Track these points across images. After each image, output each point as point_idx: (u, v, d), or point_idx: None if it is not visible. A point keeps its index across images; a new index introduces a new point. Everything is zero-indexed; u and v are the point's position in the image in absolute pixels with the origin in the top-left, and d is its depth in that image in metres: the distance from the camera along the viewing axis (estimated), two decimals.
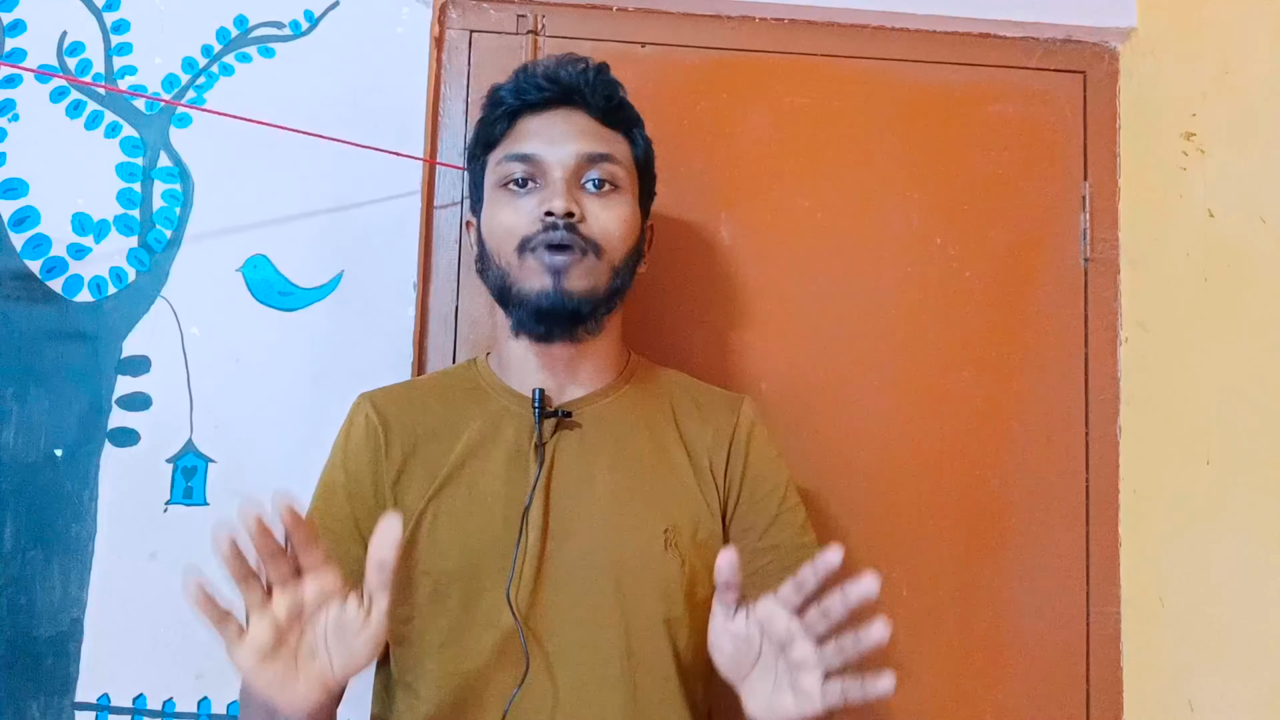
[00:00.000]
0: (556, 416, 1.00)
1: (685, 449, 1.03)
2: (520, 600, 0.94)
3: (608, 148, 1.01)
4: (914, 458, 1.36)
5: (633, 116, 1.06)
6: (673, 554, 0.97)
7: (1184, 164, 1.38)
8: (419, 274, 1.31)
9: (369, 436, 1.01)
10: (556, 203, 0.96)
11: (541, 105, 1.02)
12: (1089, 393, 1.39)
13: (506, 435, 1.01)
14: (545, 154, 0.99)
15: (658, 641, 0.96)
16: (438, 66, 1.36)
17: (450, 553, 0.96)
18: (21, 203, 1.27)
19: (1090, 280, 1.41)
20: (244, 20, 1.32)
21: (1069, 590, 1.36)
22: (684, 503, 1.00)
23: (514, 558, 0.94)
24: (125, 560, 1.24)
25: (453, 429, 1.02)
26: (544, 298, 0.96)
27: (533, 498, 0.97)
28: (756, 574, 1.02)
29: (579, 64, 1.02)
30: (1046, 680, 1.34)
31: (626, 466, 1.00)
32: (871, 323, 1.37)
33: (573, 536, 0.97)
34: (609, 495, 0.99)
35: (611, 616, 0.95)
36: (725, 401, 1.09)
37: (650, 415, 1.05)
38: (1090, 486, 1.38)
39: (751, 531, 1.03)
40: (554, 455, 1.00)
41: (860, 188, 1.39)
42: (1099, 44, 1.43)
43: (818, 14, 1.39)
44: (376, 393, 1.07)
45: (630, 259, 1.02)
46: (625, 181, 1.02)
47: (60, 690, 1.22)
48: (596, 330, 1.01)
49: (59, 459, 1.24)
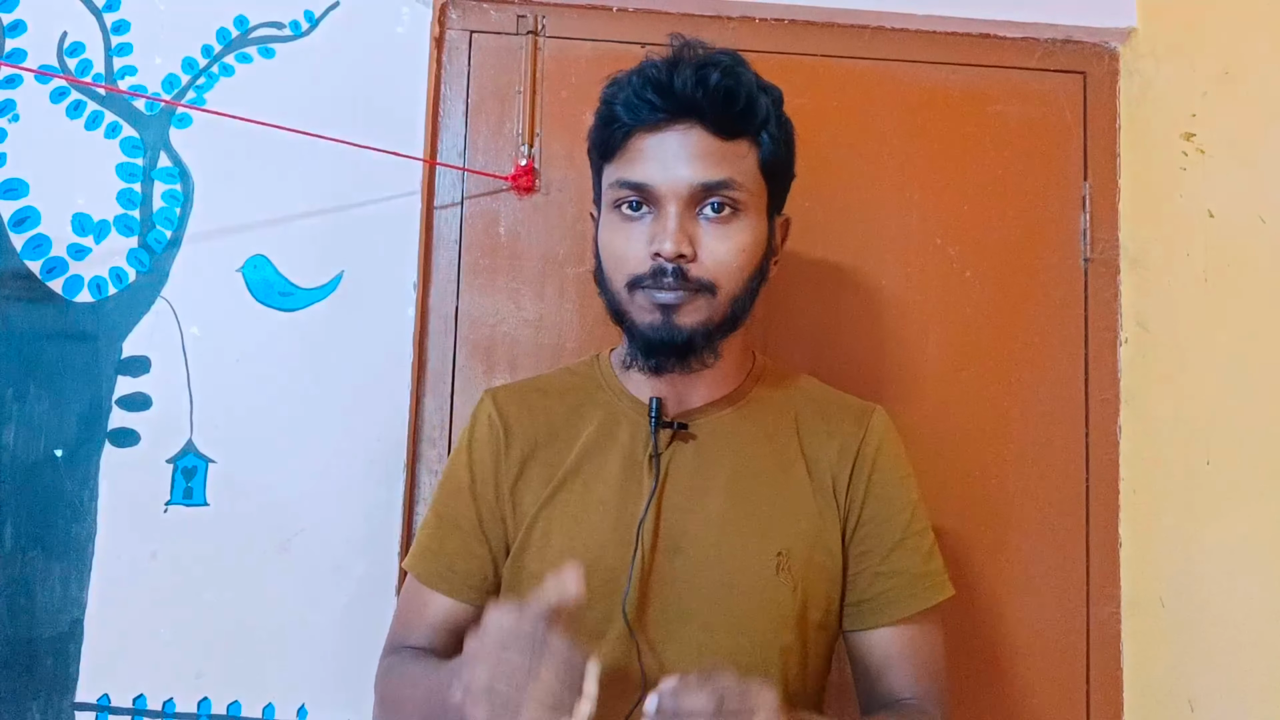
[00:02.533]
0: (672, 428, 0.97)
1: (806, 464, 0.99)
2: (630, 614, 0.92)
3: (727, 171, 0.92)
4: (914, 457, 1.35)
5: (763, 115, 0.94)
6: (785, 578, 0.94)
7: (1184, 164, 1.38)
8: (419, 274, 1.31)
9: (491, 436, 1.02)
10: (667, 245, 0.89)
11: (656, 124, 0.92)
12: (1089, 393, 1.39)
13: (622, 441, 0.99)
14: (658, 182, 0.91)
15: (766, 668, 0.92)
16: (438, 66, 1.36)
17: (559, 560, 0.92)
18: (21, 203, 1.28)
19: (1090, 280, 1.41)
20: (244, 21, 1.32)
21: (1069, 590, 1.36)
22: (800, 524, 0.96)
23: (630, 572, 0.92)
24: (125, 560, 1.24)
25: (571, 430, 1.01)
26: (654, 331, 0.92)
27: (647, 511, 0.94)
28: (876, 599, 0.98)
29: (696, 67, 0.91)
30: (1046, 680, 1.34)
31: (742, 483, 0.97)
32: (871, 323, 1.37)
33: (682, 554, 0.94)
34: (722, 513, 0.96)
35: (718, 639, 0.93)
36: (854, 412, 1.03)
37: (772, 427, 1.00)
38: (1090, 486, 1.38)
39: (872, 555, 0.98)
40: (668, 467, 0.97)
41: (860, 188, 1.39)
42: (1099, 44, 1.43)
43: (818, 14, 1.39)
44: (500, 390, 1.06)
45: (752, 282, 0.96)
46: (748, 201, 0.93)
47: (60, 690, 1.22)
48: (712, 358, 0.96)
49: (59, 459, 1.24)
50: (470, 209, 1.35)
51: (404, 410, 1.28)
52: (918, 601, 0.99)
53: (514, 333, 1.33)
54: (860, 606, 0.99)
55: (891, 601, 0.98)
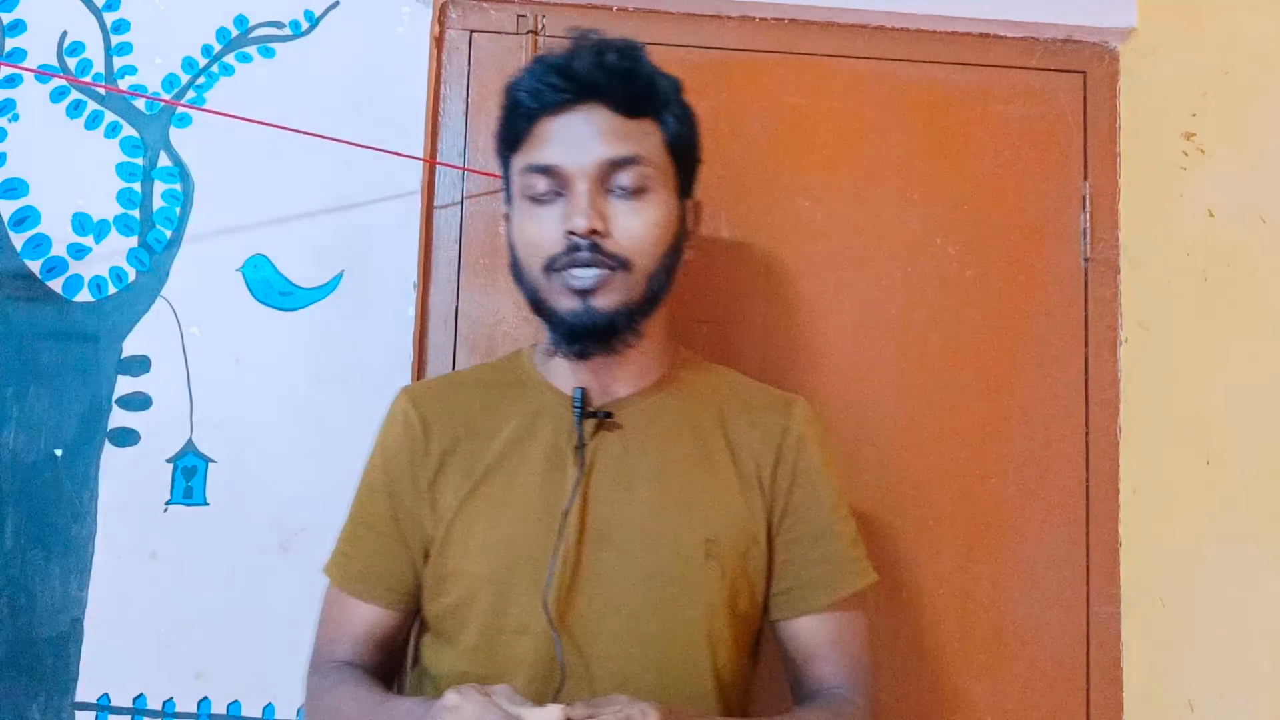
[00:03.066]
0: (597, 417, 0.97)
1: (731, 454, 0.99)
2: (554, 606, 0.91)
3: (634, 147, 0.93)
4: (914, 458, 1.36)
5: (663, 96, 0.97)
6: (714, 565, 0.94)
7: (1184, 164, 1.39)
8: (419, 274, 1.31)
9: (407, 434, 1.00)
10: (578, 220, 0.90)
11: (559, 106, 0.94)
12: (1089, 393, 1.39)
13: (545, 435, 0.98)
14: (566, 163, 0.93)
15: (697, 655, 0.93)
16: (438, 66, 1.36)
17: (483, 555, 0.94)
18: (21, 203, 1.28)
19: (1090, 280, 1.41)
20: (244, 20, 1.32)
21: (1069, 590, 1.36)
22: (727, 511, 0.97)
23: (551, 563, 0.92)
24: (125, 560, 1.24)
25: (492, 426, 0.99)
26: (574, 317, 0.93)
27: (572, 501, 0.94)
28: (805, 586, 0.99)
29: (595, 51, 0.94)
30: (1046, 680, 1.34)
31: (669, 472, 0.97)
32: (871, 323, 1.37)
33: (610, 543, 0.94)
34: (649, 502, 0.95)
35: (649, 628, 0.92)
36: (776, 403, 1.04)
37: (696, 417, 1.00)
38: (1090, 486, 1.38)
39: (801, 542, 0.99)
40: (594, 458, 0.96)
41: (860, 188, 1.39)
42: (1099, 44, 1.43)
43: (818, 14, 1.39)
44: (417, 387, 1.06)
45: (667, 259, 0.96)
46: (656, 177, 0.95)
47: (60, 690, 1.22)
48: (635, 339, 0.96)
49: (59, 459, 1.24)
50: (470, 209, 1.35)
51: None
52: (844, 586, 0.99)
53: (514, 333, 1.33)
54: (789, 594, 0.99)
55: (820, 587, 0.98)
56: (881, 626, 1.33)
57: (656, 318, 0.99)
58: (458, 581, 0.94)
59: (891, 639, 1.33)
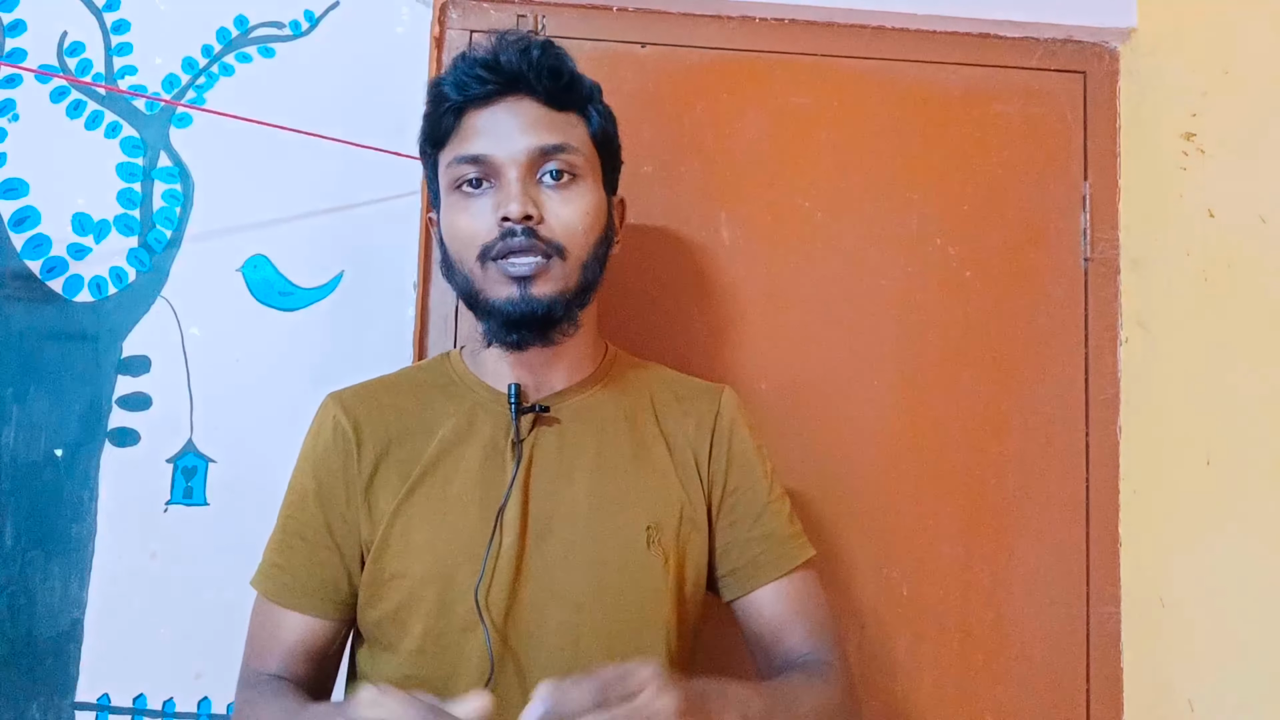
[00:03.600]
0: (534, 412, 0.97)
1: (666, 442, 1.01)
2: (497, 602, 0.91)
3: (561, 136, 0.94)
4: (914, 458, 1.36)
5: (586, 92, 0.99)
6: (656, 552, 0.95)
7: (1184, 164, 1.39)
8: (419, 274, 1.31)
9: (338, 440, 0.98)
10: (512, 206, 0.91)
11: (486, 98, 0.95)
12: (1089, 393, 1.39)
13: (482, 432, 0.98)
14: (495, 152, 0.93)
15: (643, 642, 0.93)
16: (438, 66, 1.36)
17: (423, 556, 0.93)
18: (21, 203, 1.28)
19: (1090, 280, 1.41)
20: (244, 20, 1.32)
21: (1069, 590, 1.36)
22: (666, 498, 0.98)
23: (484, 558, 0.91)
24: (125, 560, 1.24)
25: (426, 427, 0.99)
26: (512, 306, 0.92)
27: (509, 496, 0.94)
28: (749, 565, 1.00)
29: (519, 45, 0.95)
30: (1046, 680, 1.34)
31: (607, 463, 0.98)
32: (871, 323, 1.37)
33: (552, 536, 0.94)
34: (589, 493, 0.96)
35: (593, 617, 0.93)
36: (705, 392, 1.06)
37: (630, 409, 1.02)
38: (1090, 486, 1.38)
39: (741, 523, 1.01)
40: (532, 452, 0.97)
41: (860, 188, 1.39)
42: (1099, 44, 1.43)
43: (818, 14, 1.39)
44: (345, 392, 1.03)
45: (599, 248, 0.97)
46: (585, 167, 0.96)
47: (60, 690, 1.22)
48: (572, 330, 0.97)
49: (59, 459, 1.24)
50: None
51: None
52: (789, 559, 1.01)
53: None
54: (737, 573, 1.01)
55: (767, 563, 1.00)
56: (881, 626, 1.33)
57: (589, 311, 1.00)
58: (398, 585, 0.93)
59: (891, 639, 1.33)
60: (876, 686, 1.32)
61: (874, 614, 1.33)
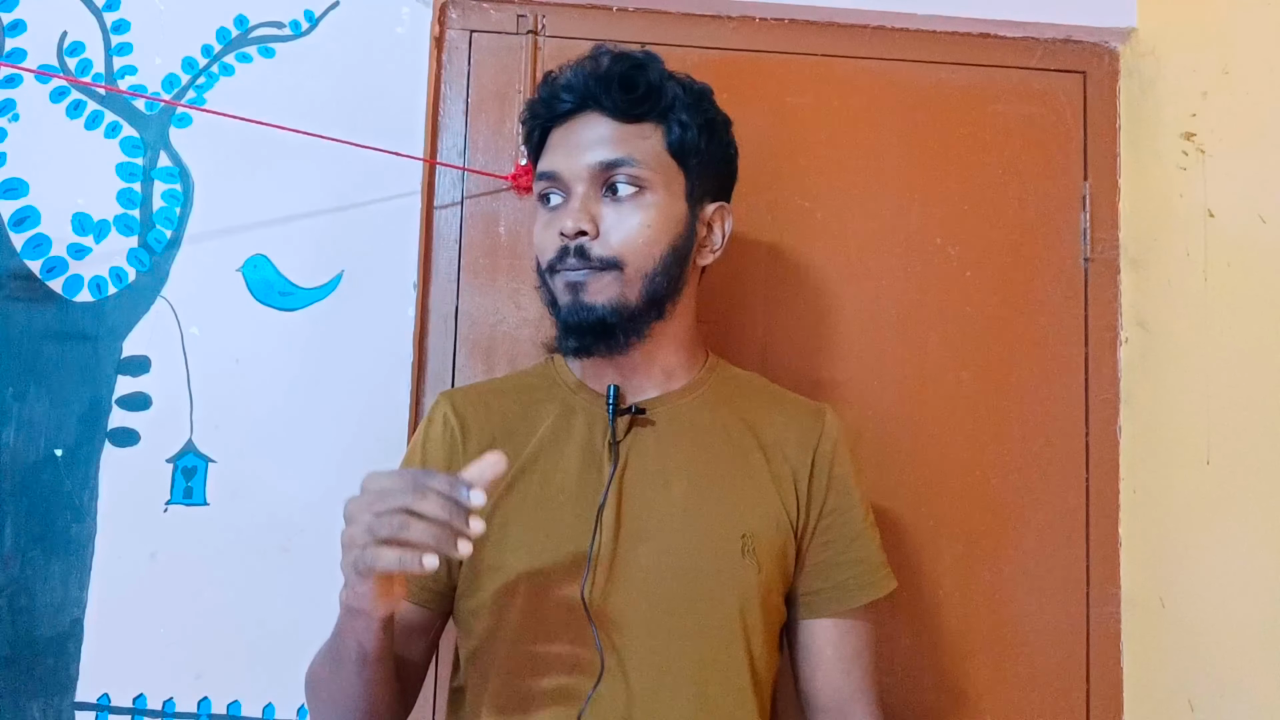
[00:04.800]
0: (631, 414, 0.99)
1: (764, 454, 1.01)
2: (592, 601, 0.93)
3: (625, 150, 0.97)
4: (914, 457, 1.36)
5: (666, 102, 0.99)
6: (750, 561, 0.96)
7: (1184, 164, 1.38)
8: (419, 274, 1.31)
9: (446, 436, 1.02)
10: (566, 223, 0.95)
11: (564, 115, 1.00)
12: (1089, 393, 1.39)
13: (580, 432, 1.00)
14: (563, 169, 0.98)
15: (732, 649, 0.95)
16: (438, 66, 1.36)
17: (519, 550, 0.95)
18: (21, 203, 1.28)
19: (1090, 280, 1.41)
20: (244, 20, 1.32)
21: (1069, 590, 1.36)
22: (761, 509, 0.99)
23: (589, 556, 0.93)
24: (125, 560, 1.24)
25: (529, 425, 1.01)
26: (568, 311, 0.97)
27: (607, 496, 0.95)
28: (838, 587, 1.02)
29: (598, 63, 0.99)
30: (1046, 680, 1.34)
31: (703, 468, 0.99)
32: (871, 322, 1.37)
33: (647, 538, 0.95)
34: (685, 497, 0.97)
35: (686, 622, 0.94)
36: (808, 410, 1.07)
37: (727, 417, 1.03)
38: (1090, 486, 1.38)
39: (835, 545, 1.02)
40: (628, 454, 0.98)
41: (860, 188, 1.39)
42: (1099, 44, 1.43)
43: (818, 14, 1.39)
44: (455, 392, 1.08)
45: (667, 260, 0.98)
46: (653, 179, 0.97)
47: (60, 690, 1.22)
48: (639, 341, 0.98)
49: (59, 459, 1.24)
50: (470, 209, 1.35)
51: (404, 410, 1.29)
52: (876, 589, 1.03)
53: (514, 333, 1.33)
54: (820, 594, 1.02)
55: (853, 589, 1.02)
56: (882, 627, 1.33)
57: (674, 321, 1.02)
58: (494, 576, 0.95)
59: (892, 639, 1.33)
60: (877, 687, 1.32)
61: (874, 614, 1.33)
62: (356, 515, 0.78)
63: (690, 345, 1.06)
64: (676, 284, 1.00)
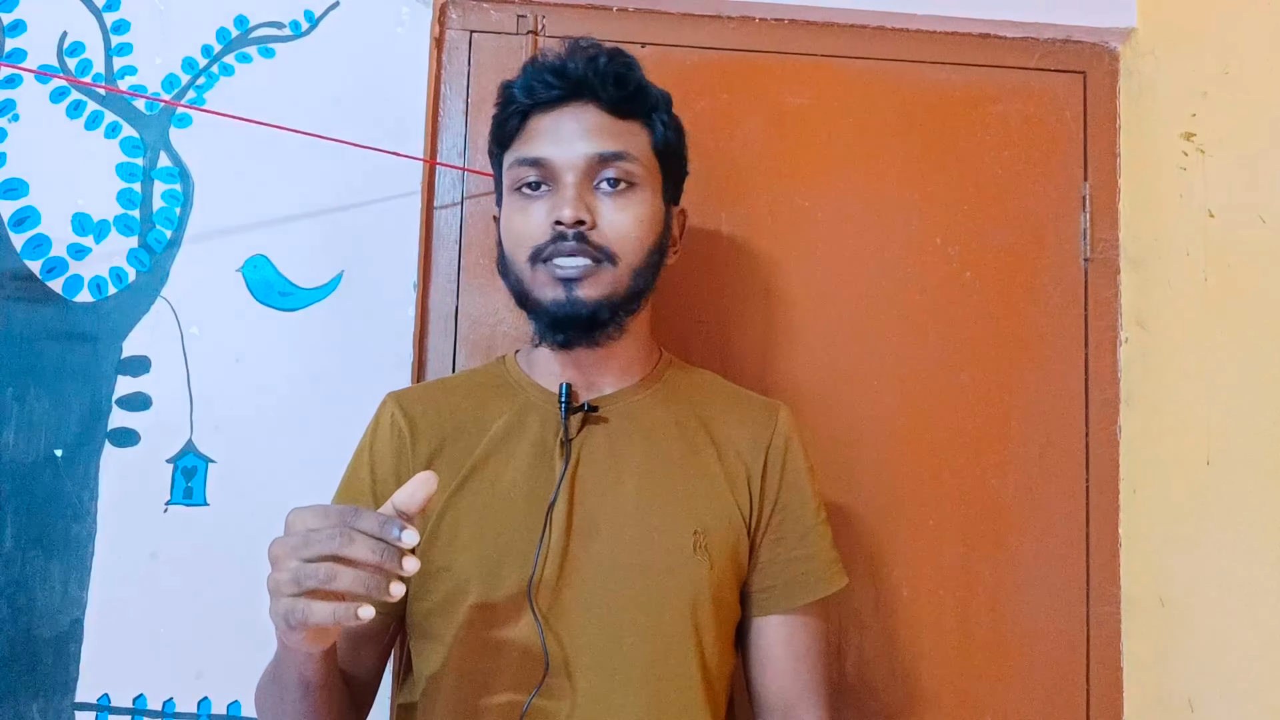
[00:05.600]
0: (583, 411, 0.99)
1: (717, 450, 1.01)
2: (541, 599, 0.92)
3: (621, 144, 0.96)
4: (914, 457, 1.36)
5: (651, 102, 1.01)
6: (702, 557, 0.95)
7: (1184, 164, 1.38)
8: (419, 274, 1.31)
9: (394, 436, 1.01)
10: (565, 211, 0.93)
11: (551, 103, 0.97)
12: (1089, 393, 1.39)
13: (532, 431, 0.99)
14: (555, 156, 0.95)
15: (683, 646, 0.94)
16: (438, 66, 1.36)
17: (469, 548, 0.94)
18: (21, 203, 1.28)
19: (1090, 280, 1.41)
20: (244, 20, 1.32)
21: (1069, 590, 1.36)
22: (714, 505, 0.99)
23: (536, 555, 0.93)
24: (125, 560, 1.24)
25: (479, 425, 1.01)
26: (558, 307, 0.95)
27: (558, 494, 0.95)
28: (790, 583, 1.01)
29: (588, 54, 0.98)
30: (1046, 680, 1.34)
31: (656, 465, 0.99)
32: (871, 322, 1.37)
33: (598, 535, 0.95)
34: (637, 494, 0.97)
35: (637, 619, 0.93)
36: (761, 407, 1.07)
37: (680, 415, 1.03)
38: (1090, 486, 1.38)
39: (786, 541, 1.02)
40: (580, 452, 0.98)
41: (860, 188, 1.39)
42: (1099, 44, 1.43)
43: (818, 14, 1.39)
44: (403, 392, 1.07)
45: (652, 257, 0.99)
46: (643, 176, 0.98)
47: (60, 690, 1.22)
48: (618, 334, 0.98)
49: (59, 459, 1.24)
50: (470, 209, 1.35)
51: None
52: (826, 585, 1.03)
53: (514, 333, 1.33)
54: (770, 590, 1.02)
55: (803, 585, 1.02)
56: (882, 627, 1.33)
57: (640, 317, 1.02)
58: (444, 577, 0.95)
59: (891, 639, 1.33)
60: (876, 686, 1.32)
61: (874, 614, 1.33)
62: (282, 560, 0.73)
63: (647, 342, 1.06)
64: (653, 281, 1.00)
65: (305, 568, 0.71)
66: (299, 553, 0.72)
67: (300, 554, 0.72)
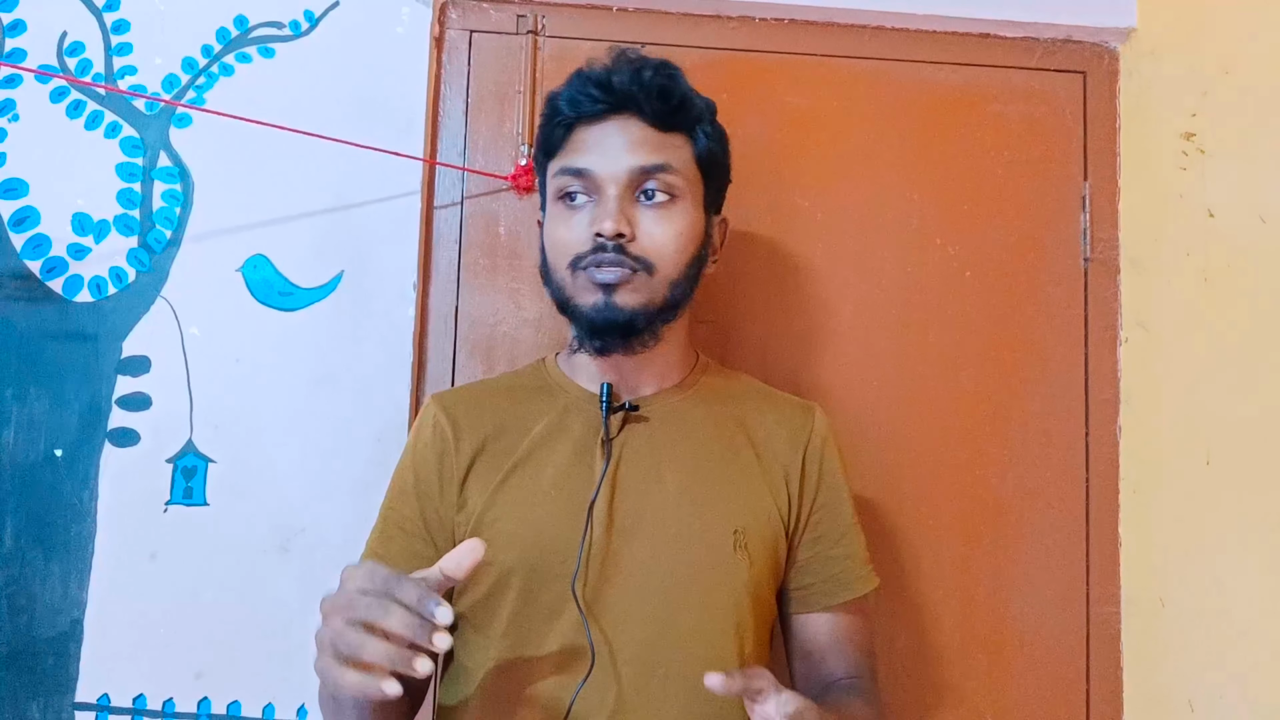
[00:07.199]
0: (624, 410, 1.00)
1: (755, 450, 1.03)
2: (584, 595, 0.94)
3: (663, 157, 0.98)
4: (914, 457, 1.36)
5: (695, 113, 1.02)
6: (741, 556, 0.97)
7: (1184, 164, 1.39)
8: (419, 274, 1.31)
9: (436, 438, 1.02)
10: (606, 224, 0.94)
11: (596, 115, 0.99)
12: (1089, 393, 1.39)
13: (573, 430, 1.01)
14: (598, 168, 0.97)
15: (725, 643, 0.96)
16: (438, 66, 1.36)
17: (511, 545, 0.95)
18: (21, 203, 1.28)
19: (1090, 280, 1.41)
20: (244, 20, 1.32)
21: (1069, 590, 1.36)
22: (753, 504, 1.00)
23: (580, 551, 0.94)
24: (125, 560, 1.24)
25: (521, 425, 1.02)
26: (596, 312, 0.96)
27: (599, 492, 0.96)
28: (828, 581, 1.04)
29: (633, 65, 0.99)
30: (1046, 680, 1.34)
31: (696, 464, 1.00)
32: (871, 322, 1.37)
33: (640, 532, 0.96)
34: (678, 493, 0.98)
35: (678, 616, 0.94)
36: (797, 407, 1.09)
37: (719, 416, 1.04)
38: (1090, 486, 1.38)
39: (825, 539, 1.04)
40: (621, 451, 0.99)
41: (860, 188, 1.39)
42: (1099, 44, 1.43)
43: (818, 14, 1.39)
44: (446, 394, 1.09)
45: (690, 269, 1.00)
46: (684, 188, 0.99)
47: (60, 690, 1.22)
48: (654, 342, 0.99)
49: (59, 459, 1.24)
50: (470, 209, 1.35)
51: (404, 410, 1.28)
52: (862, 585, 1.06)
53: (514, 333, 1.33)
54: (810, 589, 1.04)
55: (841, 584, 1.04)
56: (882, 626, 1.33)
57: (678, 324, 1.03)
58: (487, 572, 0.96)
59: (891, 639, 1.33)
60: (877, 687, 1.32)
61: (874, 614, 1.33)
62: (329, 616, 0.75)
63: (685, 347, 1.08)
64: (692, 290, 1.02)
65: (343, 633, 0.73)
66: (343, 613, 0.74)
67: (344, 614, 0.74)
